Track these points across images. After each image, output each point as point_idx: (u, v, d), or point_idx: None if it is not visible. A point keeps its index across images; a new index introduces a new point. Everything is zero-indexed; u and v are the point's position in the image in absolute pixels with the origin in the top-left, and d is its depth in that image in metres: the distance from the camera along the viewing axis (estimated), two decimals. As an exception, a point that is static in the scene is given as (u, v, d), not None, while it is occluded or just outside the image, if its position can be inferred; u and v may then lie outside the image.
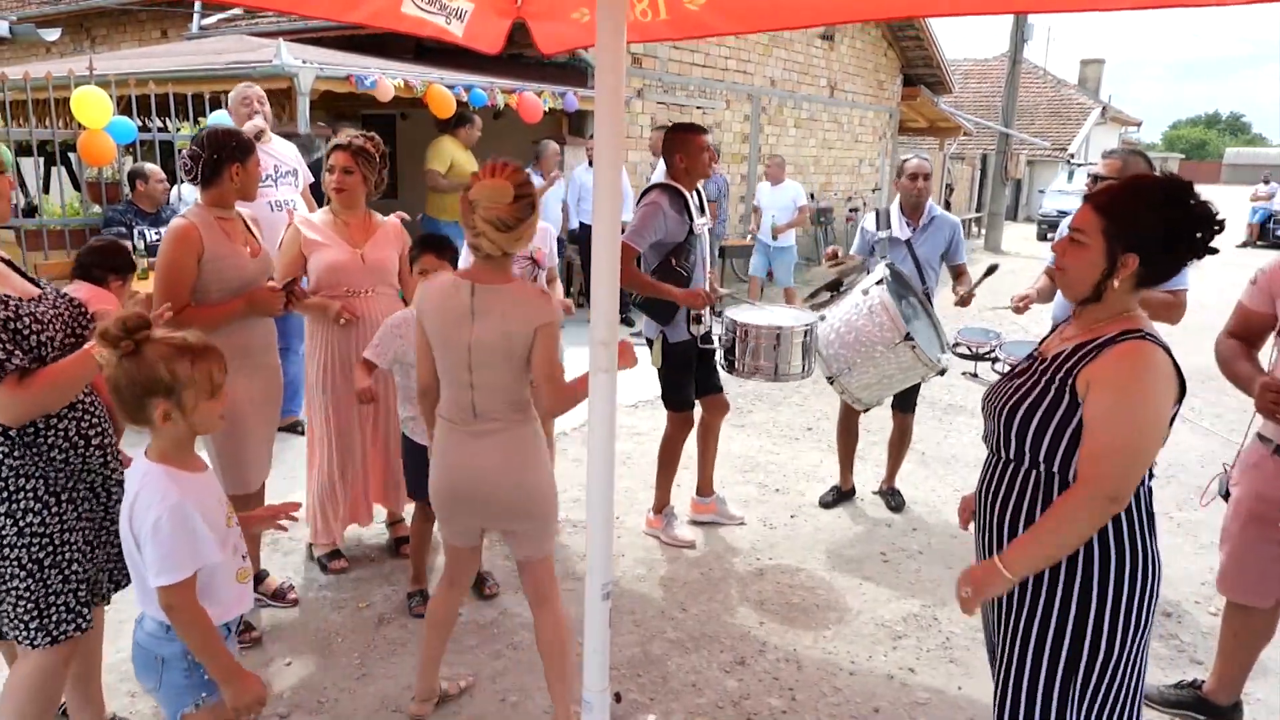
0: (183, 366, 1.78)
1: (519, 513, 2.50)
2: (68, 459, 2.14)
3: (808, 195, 13.64)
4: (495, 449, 2.42)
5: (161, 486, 1.79)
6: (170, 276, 2.85)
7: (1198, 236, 1.72)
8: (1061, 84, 30.07)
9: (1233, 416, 6.34)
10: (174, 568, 1.77)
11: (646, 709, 2.89)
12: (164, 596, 1.78)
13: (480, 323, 2.33)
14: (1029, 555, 1.80)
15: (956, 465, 5.25)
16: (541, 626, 2.61)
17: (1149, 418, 1.72)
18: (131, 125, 5.81)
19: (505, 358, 2.35)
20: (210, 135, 2.97)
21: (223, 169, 2.94)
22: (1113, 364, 1.75)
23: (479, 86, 7.69)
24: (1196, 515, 4.55)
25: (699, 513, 4.31)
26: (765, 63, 12.28)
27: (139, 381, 1.76)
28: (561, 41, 3.10)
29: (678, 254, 3.73)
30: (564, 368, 2.45)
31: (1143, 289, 1.81)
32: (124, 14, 12.88)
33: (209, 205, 2.98)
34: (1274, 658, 3.31)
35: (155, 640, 1.87)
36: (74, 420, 2.16)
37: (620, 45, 2.08)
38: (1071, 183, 22.77)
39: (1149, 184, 1.81)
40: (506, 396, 2.40)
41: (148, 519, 1.76)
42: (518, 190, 2.28)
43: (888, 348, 3.78)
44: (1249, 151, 54.41)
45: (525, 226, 2.32)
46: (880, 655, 3.25)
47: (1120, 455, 1.72)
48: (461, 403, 2.42)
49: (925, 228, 4.24)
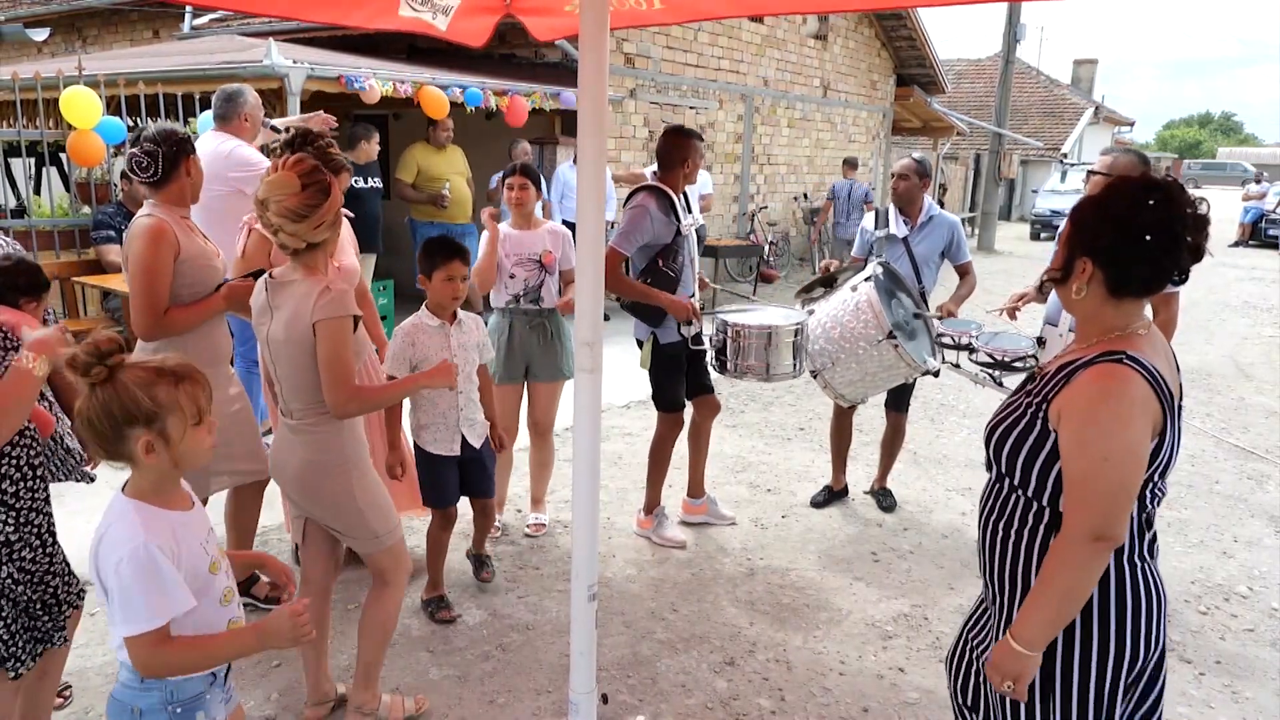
0: (164, 392, 1.59)
1: (322, 516, 2.52)
2: (18, 493, 2.08)
3: (803, 193, 13.71)
4: (298, 450, 2.43)
5: (128, 526, 1.59)
6: (150, 277, 2.75)
7: (1145, 239, 1.60)
8: (1055, 84, 30.14)
9: (1223, 416, 6.36)
10: (135, 618, 1.56)
11: (636, 710, 2.88)
12: (130, 649, 1.59)
13: (275, 318, 2.36)
14: (1038, 621, 1.66)
15: (948, 465, 5.25)
16: (370, 600, 2.65)
17: (1119, 448, 1.58)
18: (121, 125, 5.79)
19: (297, 353, 2.33)
20: (162, 132, 2.87)
21: (180, 164, 2.85)
22: (1079, 392, 1.63)
23: (471, 86, 7.68)
24: (1185, 514, 4.56)
25: (690, 514, 4.31)
26: (758, 63, 12.29)
27: (116, 411, 1.56)
28: (556, 30, 3.09)
29: (665, 255, 3.73)
30: (353, 367, 2.35)
31: (1123, 299, 1.68)
32: (115, 14, 12.82)
33: (169, 204, 2.85)
34: (1264, 656, 3.32)
35: (130, 692, 1.67)
36: (24, 449, 2.10)
37: (604, 28, 2.08)
38: (1065, 182, 22.77)
39: (1115, 186, 1.71)
40: (307, 395, 2.37)
41: (109, 561, 1.57)
42: (304, 179, 2.26)
43: (871, 345, 3.77)
44: (1241, 151, 54.64)
45: (321, 212, 2.29)
46: (870, 655, 3.25)
47: (1093, 492, 1.59)
48: (279, 396, 2.47)
49: (923, 226, 4.25)
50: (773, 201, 13.26)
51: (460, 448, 3.27)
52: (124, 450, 1.60)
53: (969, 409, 6.41)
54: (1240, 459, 5.52)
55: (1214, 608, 3.67)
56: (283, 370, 2.39)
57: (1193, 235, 1.63)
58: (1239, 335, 9.61)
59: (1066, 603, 1.64)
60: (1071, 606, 1.64)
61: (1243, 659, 3.30)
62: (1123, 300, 1.68)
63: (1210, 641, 3.41)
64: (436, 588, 3.43)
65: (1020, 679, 1.69)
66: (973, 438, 5.79)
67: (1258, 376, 7.76)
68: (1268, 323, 10.47)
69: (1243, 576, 3.96)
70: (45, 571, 2.17)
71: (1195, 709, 3.00)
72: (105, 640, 2.89)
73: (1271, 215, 20.23)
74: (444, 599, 3.40)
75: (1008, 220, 25.67)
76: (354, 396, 2.33)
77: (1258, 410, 6.65)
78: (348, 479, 2.45)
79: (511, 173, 3.88)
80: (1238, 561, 4.10)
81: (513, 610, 3.46)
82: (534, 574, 3.76)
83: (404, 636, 3.22)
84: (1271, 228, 20.13)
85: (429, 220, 7.53)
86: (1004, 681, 1.71)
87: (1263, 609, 3.68)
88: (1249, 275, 14.70)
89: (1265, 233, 20.13)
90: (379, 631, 2.65)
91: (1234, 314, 10.96)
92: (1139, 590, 1.69)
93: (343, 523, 2.50)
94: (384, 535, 2.54)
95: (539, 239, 3.83)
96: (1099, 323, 1.71)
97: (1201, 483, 5.05)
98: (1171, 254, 1.63)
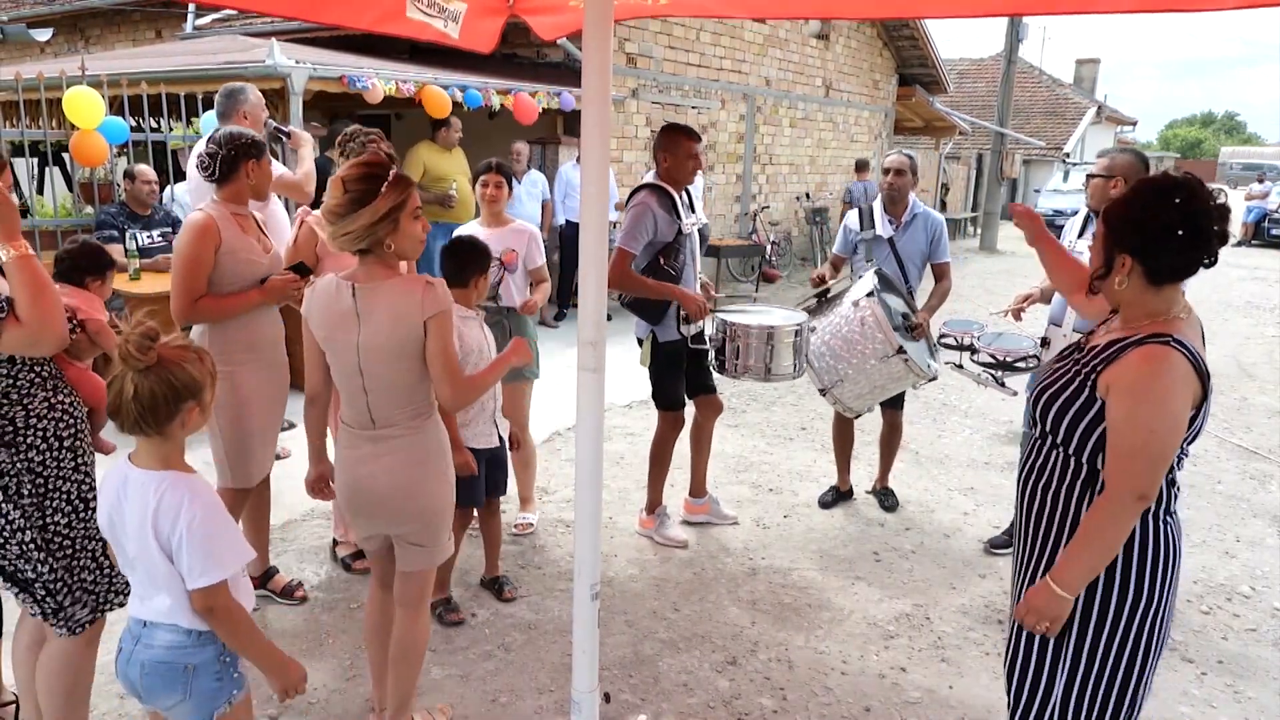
0: (200, 366, 1.80)
1: (411, 526, 2.42)
2: (45, 461, 2.16)
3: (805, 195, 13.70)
4: (392, 456, 2.34)
5: (187, 487, 1.78)
6: (189, 267, 2.93)
7: (1178, 234, 1.78)
8: (1057, 83, 30.11)
9: (1225, 416, 6.35)
10: (215, 567, 1.75)
11: (638, 709, 2.89)
12: (204, 599, 1.76)
13: (366, 324, 2.26)
14: (1079, 568, 1.88)
15: (950, 465, 5.25)
16: (399, 626, 2.52)
17: (1164, 422, 1.79)
18: (124, 125, 5.80)
19: (397, 357, 2.27)
20: (227, 135, 3.05)
21: (239, 166, 3.03)
22: (1129, 370, 1.82)
23: (473, 87, 7.68)
24: (1188, 514, 4.56)
25: (692, 513, 4.31)
26: (760, 63, 12.28)
27: (177, 386, 1.74)
28: (559, 28, 3.10)
29: (667, 253, 3.72)
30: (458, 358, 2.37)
31: (1163, 286, 1.85)
32: (118, 14, 12.84)
33: (225, 201, 3.05)
34: (1266, 656, 3.32)
35: (182, 651, 1.82)
36: (53, 420, 2.18)
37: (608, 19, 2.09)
38: (1067, 182, 22.73)
39: (1142, 186, 1.90)
40: (403, 400, 2.32)
41: (180, 522, 1.74)
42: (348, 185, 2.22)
43: (880, 360, 3.78)
44: (1244, 150, 54.51)
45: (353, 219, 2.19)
46: (872, 655, 3.25)
47: (1139, 459, 1.80)
48: (358, 408, 2.35)
49: (907, 225, 4.22)
50: (775, 201, 13.25)
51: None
52: (173, 422, 1.76)
53: (970, 409, 6.41)
54: (1243, 459, 5.51)
55: (1216, 607, 3.67)
56: (382, 377, 2.29)
57: (1218, 224, 1.81)
58: (1241, 335, 9.60)
59: (1105, 552, 1.86)
60: (1108, 555, 1.86)
61: (1245, 659, 3.30)
62: (1162, 287, 1.86)
63: (1212, 641, 3.41)
64: (444, 589, 3.40)
65: (1056, 620, 1.91)
66: (974, 438, 5.79)
67: (1260, 376, 7.75)
68: (1270, 322, 10.45)
69: (1245, 576, 3.95)
70: (82, 535, 2.24)
71: (1197, 708, 3.00)
72: (107, 638, 2.89)
73: (1274, 215, 20.20)
74: (451, 600, 3.40)
75: (1010, 220, 25.64)
76: (469, 386, 2.36)
77: (1260, 410, 6.64)
78: (446, 476, 2.45)
79: (486, 170, 3.88)
80: (1240, 561, 4.10)
81: (515, 609, 3.46)
82: (536, 573, 3.76)
83: (406, 635, 3.23)
84: (1274, 227, 20.10)
85: (434, 220, 7.52)
86: (1040, 621, 1.92)
87: (1265, 609, 3.67)
88: (1251, 275, 14.68)
89: (1268, 232, 20.10)
90: (419, 657, 2.55)
91: (1236, 314, 10.94)
92: (1169, 543, 1.91)
93: (430, 528, 2.42)
94: (447, 543, 2.51)
95: (504, 238, 3.83)
96: (1142, 307, 1.88)
97: (1204, 482, 5.05)
98: (1200, 243, 1.81)
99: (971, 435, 5.83)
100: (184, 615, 1.80)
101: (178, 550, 1.74)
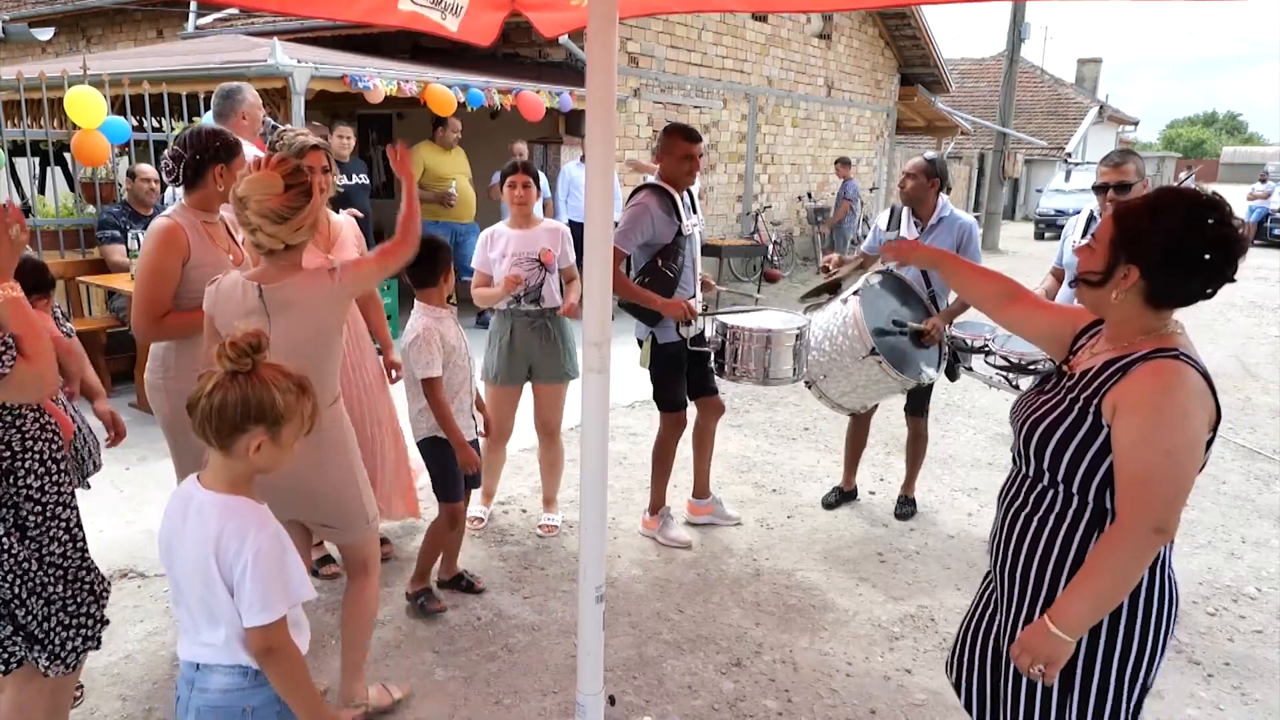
0: (294, 399, 1.66)
1: (314, 512, 2.50)
2: (43, 487, 2.08)
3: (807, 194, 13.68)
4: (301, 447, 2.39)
5: (254, 515, 1.66)
6: (154, 280, 2.71)
7: (1205, 258, 1.62)
8: (1059, 83, 30.10)
9: (1229, 416, 6.33)
10: (274, 604, 1.62)
11: (642, 711, 2.87)
12: (262, 639, 1.63)
13: (278, 322, 2.25)
14: (1083, 608, 1.68)
15: (954, 465, 5.23)
16: (352, 593, 2.65)
17: (1183, 442, 1.60)
18: (125, 125, 5.79)
19: (318, 343, 2.32)
20: (193, 135, 2.80)
21: (205, 171, 2.77)
22: (1141, 385, 1.64)
23: (475, 86, 7.67)
24: (1192, 515, 4.54)
25: (695, 514, 4.29)
26: (762, 62, 12.27)
27: (252, 405, 1.61)
28: (561, 25, 3.09)
29: (665, 255, 3.71)
30: None
31: (1160, 308, 1.70)
32: (119, 13, 12.84)
33: (193, 208, 2.82)
34: (1273, 658, 3.30)
35: (238, 694, 1.69)
36: (45, 443, 2.10)
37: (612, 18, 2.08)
38: (1069, 182, 22.73)
39: (1169, 197, 1.71)
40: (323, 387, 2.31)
41: (245, 552, 1.61)
42: (287, 180, 2.24)
43: (855, 360, 3.76)
44: (1246, 150, 54.48)
45: (302, 215, 2.26)
46: (877, 656, 3.24)
47: (1157, 484, 1.61)
48: None
49: (934, 228, 4.12)
50: (776, 201, 13.24)
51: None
52: (235, 442, 1.63)
53: (974, 409, 6.39)
54: (1247, 459, 5.50)
55: (1222, 609, 3.65)
56: None
57: (1242, 255, 1.67)
58: (1244, 335, 9.59)
59: (1114, 592, 1.67)
60: (1118, 596, 1.67)
61: (1251, 660, 3.28)
62: (1161, 308, 1.71)
63: (1218, 643, 3.40)
64: (424, 580, 3.42)
65: (1053, 663, 1.71)
66: (979, 438, 5.77)
67: (1264, 376, 7.73)
68: (1273, 322, 10.44)
69: (1251, 577, 3.94)
70: (77, 567, 2.16)
71: (1204, 711, 2.98)
72: (109, 641, 2.88)
73: (1276, 215, 20.17)
74: (431, 590, 3.41)
75: (1012, 220, 25.64)
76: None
77: (1264, 410, 6.62)
78: (341, 464, 2.47)
79: (513, 170, 3.84)
80: (1246, 562, 4.08)
81: (518, 611, 3.45)
82: (539, 574, 3.75)
83: (409, 638, 3.21)
84: (1276, 227, 20.07)
85: (434, 220, 7.53)
86: (1035, 664, 1.72)
87: (1271, 610, 3.66)
88: (1254, 275, 14.67)
89: (1270, 232, 20.07)
90: (367, 623, 2.68)
91: (1239, 313, 10.93)
92: (1166, 594, 1.76)
93: (343, 511, 2.49)
94: (373, 518, 2.56)
95: (538, 238, 3.81)
96: (1136, 324, 1.73)
97: (1208, 483, 5.03)
98: (1224, 271, 1.65)
99: (975, 435, 5.82)
100: (232, 654, 1.68)
101: (239, 582, 1.63)
